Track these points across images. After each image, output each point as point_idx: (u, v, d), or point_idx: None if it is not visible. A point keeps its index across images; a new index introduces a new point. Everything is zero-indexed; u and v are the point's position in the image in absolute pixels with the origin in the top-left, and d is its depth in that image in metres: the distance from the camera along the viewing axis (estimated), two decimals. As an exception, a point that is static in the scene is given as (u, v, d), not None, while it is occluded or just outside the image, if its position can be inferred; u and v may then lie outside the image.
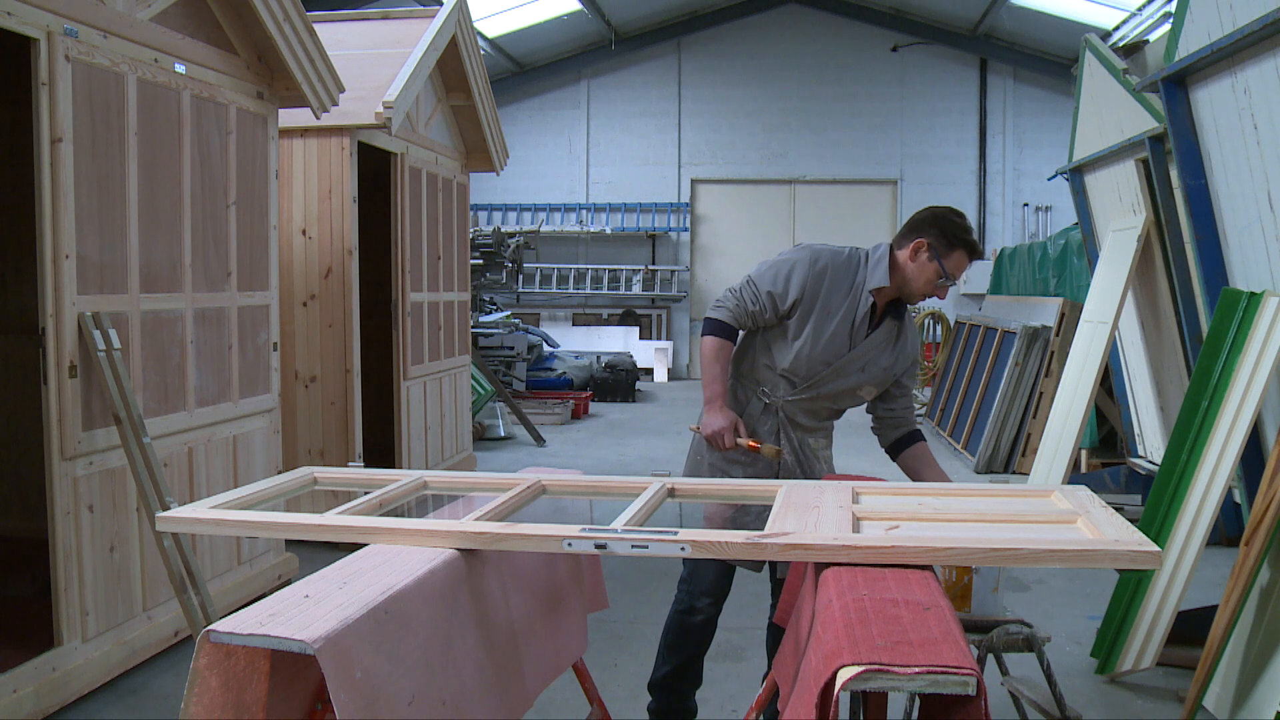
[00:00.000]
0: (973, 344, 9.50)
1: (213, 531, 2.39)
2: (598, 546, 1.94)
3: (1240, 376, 3.65)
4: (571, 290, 15.34)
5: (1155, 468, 5.28)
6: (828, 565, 1.87)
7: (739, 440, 2.84)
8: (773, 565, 2.95)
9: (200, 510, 2.21)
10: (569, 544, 1.92)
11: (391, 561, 1.84)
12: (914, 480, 3.05)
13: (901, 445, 3.10)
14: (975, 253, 2.87)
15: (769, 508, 2.18)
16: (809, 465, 3.00)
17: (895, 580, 1.77)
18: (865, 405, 3.10)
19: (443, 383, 6.89)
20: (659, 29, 15.30)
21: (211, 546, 4.18)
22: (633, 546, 1.94)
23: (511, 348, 10.88)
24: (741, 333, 2.94)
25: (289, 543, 4.88)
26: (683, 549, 1.91)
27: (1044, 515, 2.15)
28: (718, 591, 2.99)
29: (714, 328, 2.89)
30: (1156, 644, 3.64)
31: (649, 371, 14.77)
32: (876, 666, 1.42)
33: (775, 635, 3.03)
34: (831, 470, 3.07)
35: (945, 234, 2.83)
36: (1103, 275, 6.22)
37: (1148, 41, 7.11)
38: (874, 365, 2.94)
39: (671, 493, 2.42)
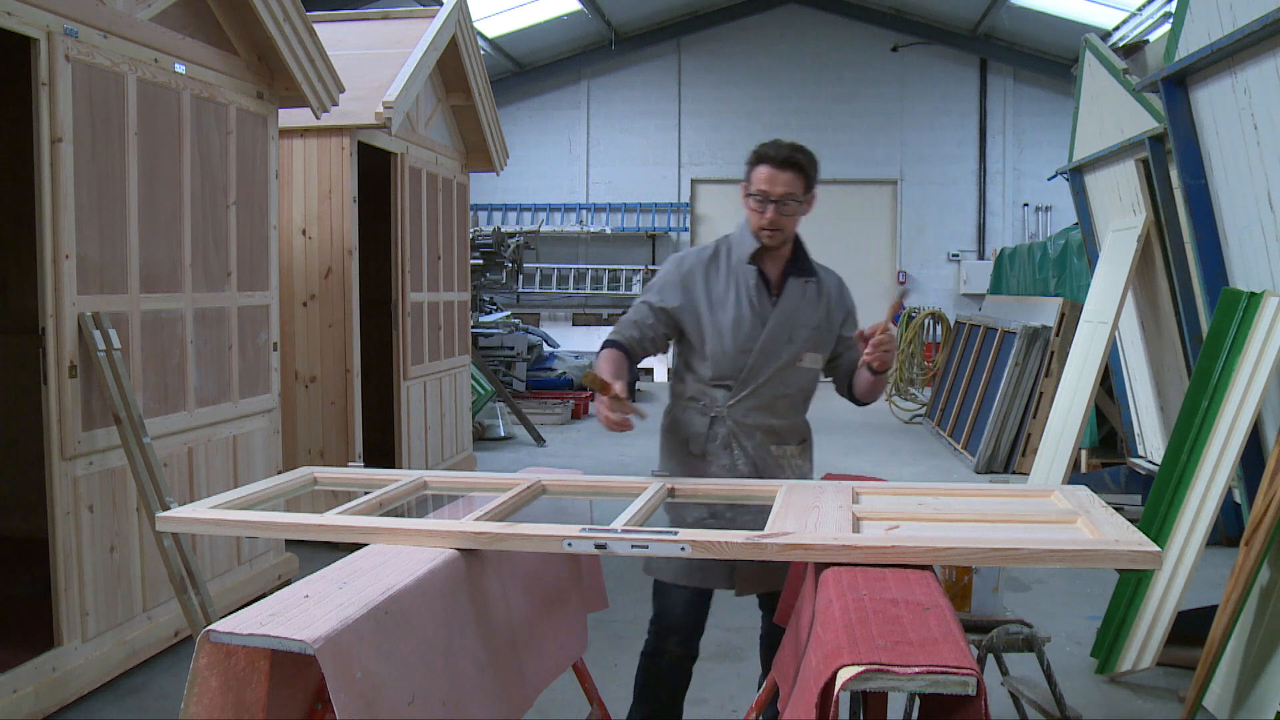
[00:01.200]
0: (973, 344, 9.50)
1: (212, 531, 2.39)
2: (598, 546, 1.94)
3: (1240, 376, 3.65)
4: (571, 290, 15.34)
5: (1155, 468, 5.27)
6: (828, 565, 1.87)
7: (614, 398, 2.35)
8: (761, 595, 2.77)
9: (200, 510, 2.21)
10: (569, 544, 1.92)
11: (391, 561, 1.84)
12: (854, 389, 2.80)
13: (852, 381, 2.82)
14: (771, 159, 2.60)
15: (768, 508, 2.18)
16: (768, 475, 2.68)
17: (895, 580, 1.77)
18: (825, 375, 2.83)
19: (443, 383, 6.89)
20: (659, 29, 15.31)
21: (211, 546, 4.18)
22: (633, 546, 1.94)
23: (511, 348, 10.88)
24: (659, 356, 2.79)
25: (289, 543, 4.88)
26: (683, 549, 1.91)
27: (1044, 515, 2.15)
28: (687, 629, 2.70)
29: (603, 347, 2.65)
30: (1156, 644, 3.64)
31: (649, 371, 14.77)
32: (876, 666, 1.42)
33: (769, 644, 2.84)
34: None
35: (747, 163, 2.68)
36: (1103, 275, 6.22)
37: (1148, 41, 7.12)
38: (801, 329, 2.70)
39: (672, 493, 2.42)
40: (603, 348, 2.64)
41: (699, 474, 2.66)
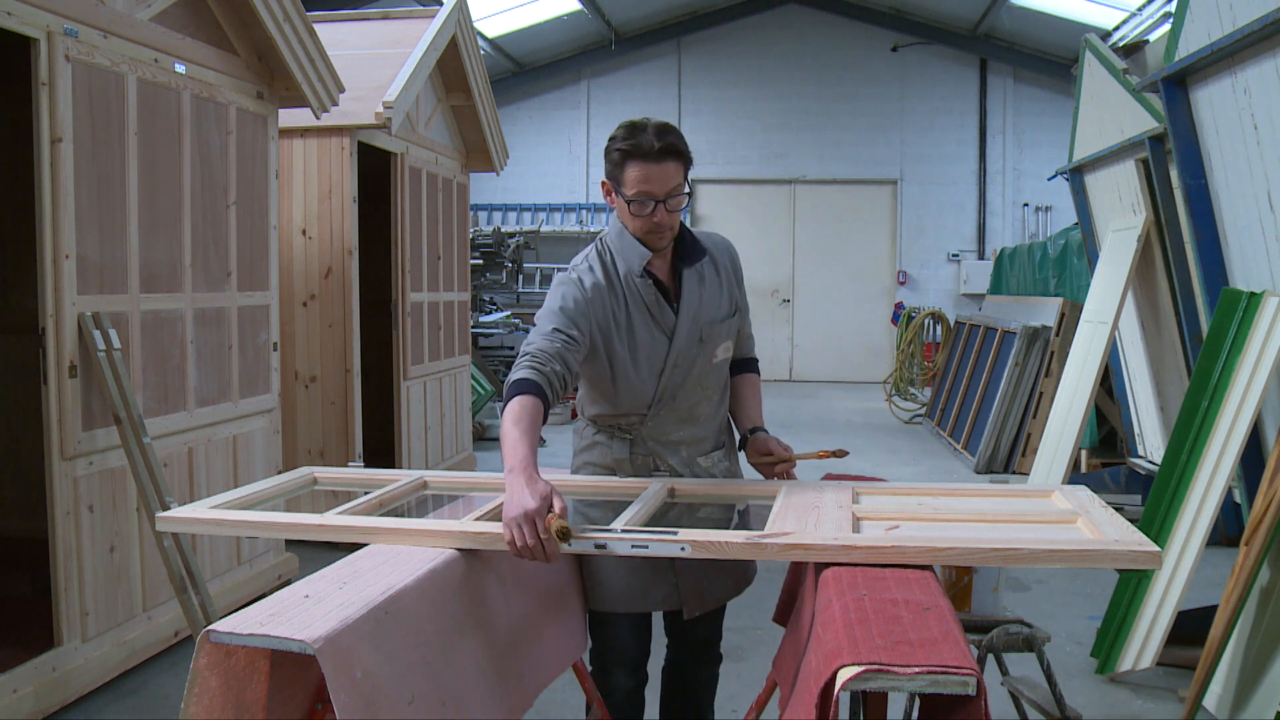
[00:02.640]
0: (973, 344, 9.50)
1: (213, 531, 2.39)
2: (597, 546, 1.94)
3: (1240, 376, 3.65)
4: (571, 290, 15.28)
5: (1155, 468, 5.28)
6: (828, 565, 1.87)
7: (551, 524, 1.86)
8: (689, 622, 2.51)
9: (200, 510, 2.21)
10: (568, 545, 1.92)
11: (391, 561, 1.84)
12: (731, 411, 2.58)
13: (734, 372, 2.58)
14: (645, 153, 2.17)
15: (768, 507, 2.18)
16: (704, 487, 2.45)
17: (895, 580, 1.77)
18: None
19: (443, 383, 6.89)
20: (659, 29, 15.30)
21: (211, 546, 4.18)
22: (633, 546, 1.93)
23: (511, 348, 10.88)
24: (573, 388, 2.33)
25: (289, 543, 4.88)
26: (683, 549, 1.91)
27: (1044, 515, 2.15)
28: (632, 659, 2.49)
29: (516, 389, 2.11)
30: (1156, 644, 3.64)
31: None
32: (876, 666, 1.42)
33: (672, 676, 2.66)
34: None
35: (609, 160, 2.24)
36: (1103, 275, 6.22)
37: (1148, 41, 7.12)
38: (710, 325, 2.40)
39: (671, 493, 2.42)
40: (519, 390, 2.09)
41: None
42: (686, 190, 2.29)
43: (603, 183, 2.32)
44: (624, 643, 2.48)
